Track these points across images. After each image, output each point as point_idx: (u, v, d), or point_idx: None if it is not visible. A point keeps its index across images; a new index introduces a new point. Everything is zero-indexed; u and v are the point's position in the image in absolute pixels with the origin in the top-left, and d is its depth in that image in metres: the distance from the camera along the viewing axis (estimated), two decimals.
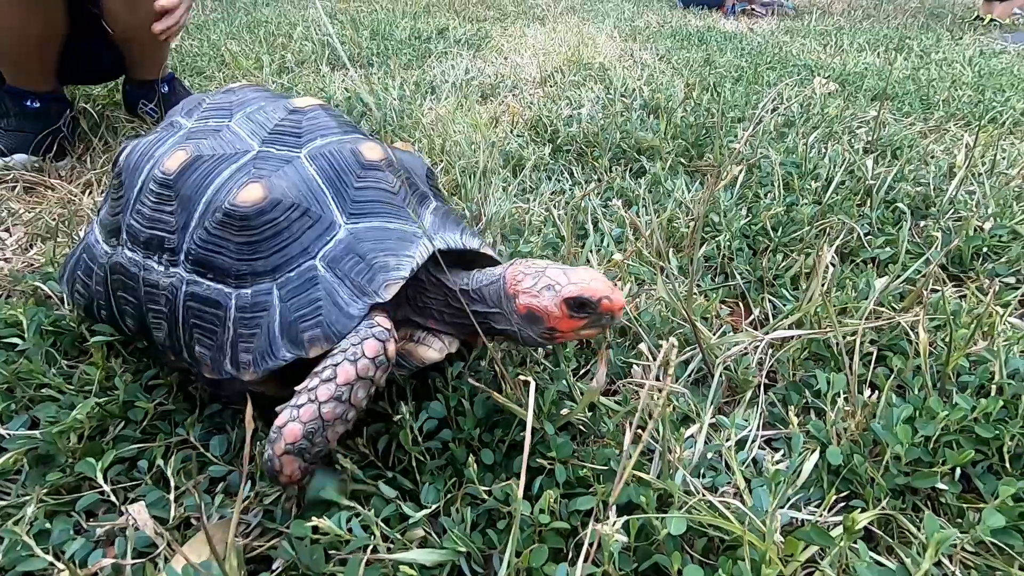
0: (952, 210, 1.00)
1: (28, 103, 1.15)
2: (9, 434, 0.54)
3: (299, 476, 0.46)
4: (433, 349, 0.56)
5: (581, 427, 0.60)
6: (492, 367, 0.61)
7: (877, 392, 0.63)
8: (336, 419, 0.46)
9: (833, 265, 0.88)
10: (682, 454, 0.53)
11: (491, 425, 0.56)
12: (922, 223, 1.01)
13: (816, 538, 0.44)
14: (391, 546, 0.45)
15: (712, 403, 0.62)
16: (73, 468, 0.52)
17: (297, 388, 0.47)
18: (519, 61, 2.38)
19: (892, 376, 0.65)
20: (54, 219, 0.98)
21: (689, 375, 0.69)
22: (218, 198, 0.55)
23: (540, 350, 0.69)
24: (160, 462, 0.52)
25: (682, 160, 1.28)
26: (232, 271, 0.53)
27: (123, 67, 1.37)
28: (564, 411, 0.58)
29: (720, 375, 0.66)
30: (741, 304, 0.84)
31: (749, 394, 0.65)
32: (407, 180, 0.59)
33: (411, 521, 0.48)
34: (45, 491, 0.50)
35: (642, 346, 0.71)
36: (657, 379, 0.67)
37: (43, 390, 0.59)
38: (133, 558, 0.44)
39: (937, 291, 0.80)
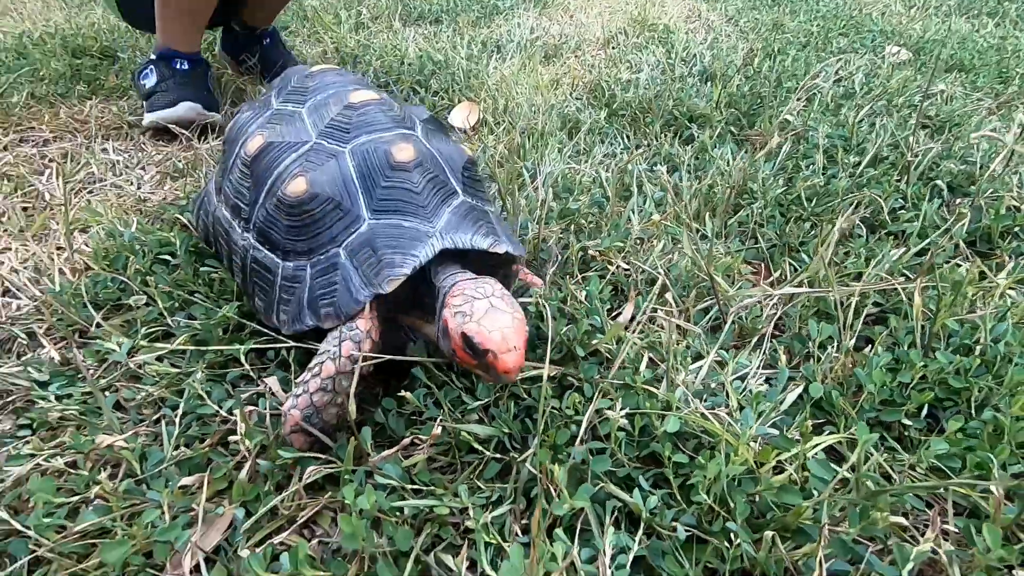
0: (991, 189, 1.03)
1: (177, 65, 1.28)
2: (177, 322, 0.73)
3: (307, 447, 0.57)
4: (429, 329, 0.65)
5: (607, 355, 0.73)
6: (536, 305, 0.74)
7: (871, 346, 0.73)
8: (327, 404, 0.57)
9: (859, 235, 0.96)
10: (687, 377, 0.65)
11: (533, 345, 0.70)
12: (959, 200, 1.05)
13: (782, 443, 0.56)
14: (454, 422, 0.60)
15: (721, 344, 0.73)
16: (222, 351, 0.70)
17: (295, 380, 0.59)
18: (584, 20, 2.41)
19: (887, 334, 0.74)
20: (181, 161, 1.17)
21: (707, 322, 0.80)
22: (276, 185, 0.67)
23: (583, 293, 0.81)
24: (284, 353, 0.69)
25: (732, 129, 1.33)
26: (281, 246, 0.67)
27: (230, 13, 1.50)
28: (594, 341, 0.71)
29: (732, 322, 0.77)
30: (764, 266, 0.93)
31: (756, 340, 0.76)
32: (435, 178, 0.66)
33: (469, 407, 0.62)
34: (205, 365, 0.68)
35: (668, 295, 0.82)
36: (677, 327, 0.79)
37: (193, 295, 0.78)
38: (270, 415, 0.61)
39: (959, 265, 0.87)
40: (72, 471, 0.57)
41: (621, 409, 0.57)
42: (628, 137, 1.33)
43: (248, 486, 0.54)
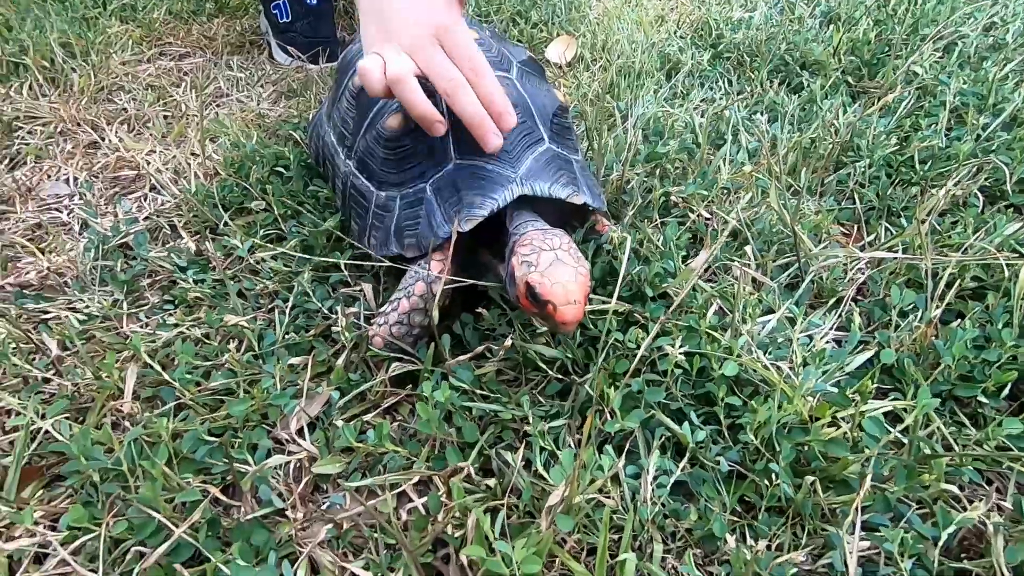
0: None
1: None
2: (289, 228, 0.82)
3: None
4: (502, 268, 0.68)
5: (676, 298, 0.75)
6: (610, 243, 0.77)
7: (960, 320, 0.70)
8: (404, 335, 0.63)
9: (974, 205, 0.89)
10: (752, 328, 0.66)
11: (605, 282, 0.73)
12: None
13: (839, 400, 0.57)
14: (523, 342, 0.66)
15: (795, 300, 0.73)
16: (326, 255, 0.78)
17: (378, 310, 0.64)
18: None
19: (981, 310, 0.70)
20: (295, 82, 1.25)
21: (785, 277, 0.79)
22: (376, 118, 0.71)
23: (657, 235, 0.83)
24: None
25: (849, 79, 1.23)
26: (376, 176, 0.72)
27: None
28: (664, 284, 0.73)
29: (811, 281, 0.76)
30: (857, 228, 0.89)
31: (834, 301, 0.75)
32: (523, 123, 0.67)
33: (538, 330, 0.68)
34: (311, 267, 0.77)
35: (748, 248, 0.81)
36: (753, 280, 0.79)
37: (303, 206, 0.86)
38: (364, 317, 0.70)
39: None
40: (206, 341, 0.68)
41: (681, 347, 0.60)
42: (730, 82, 1.27)
43: (343, 372, 0.63)
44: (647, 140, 1.06)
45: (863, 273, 0.78)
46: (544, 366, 0.63)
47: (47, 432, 0.57)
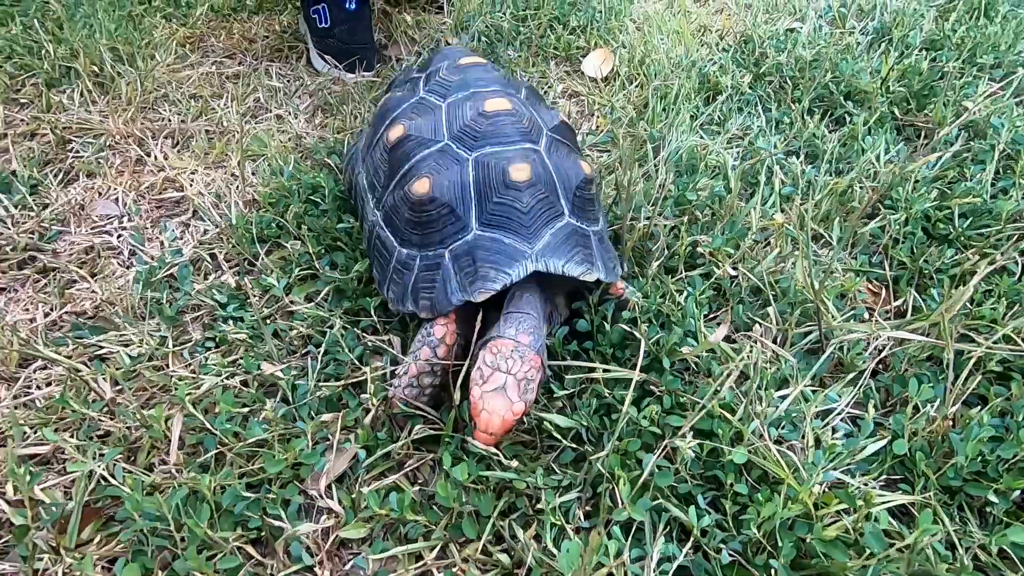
0: None
1: (346, 4, 1.33)
2: (322, 266, 0.86)
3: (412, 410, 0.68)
4: None
5: (695, 363, 0.76)
6: (632, 310, 0.78)
7: (982, 406, 0.70)
8: (417, 395, 0.67)
9: (1012, 273, 0.86)
10: (766, 408, 0.67)
11: (624, 346, 0.75)
12: None
13: (845, 498, 0.58)
14: (540, 408, 0.69)
15: (814, 372, 0.74)
16: (356, 300, 0.82)
17: (396, 370, 0.68)
18: None
19: (1004, 399, 0.70)
20: (332, 96, 1.27)
21: (804, 345, 0.79)
22: (405, 179, 0.73)
23: (683, 294, 0.83)
24: None
25: (895, 111, 1.19)
26: (400, 233, 0.74)
27: None
28: (685, 349, 0.75)
29: (831, 352, 0.76)
30: (886, 289, 0.88)
31: (853, 376, 0.75)
32: (545, 198, 0.70)
33: (555, 395, 0.70)
34: (342, 311, 0.81)
35: (770, 310, 0.82)
36: (774, 341, 0.80)
37: (336, 242, 0.90)
38: (391, 372, 0.73)
39: None
40: (244, 388, 0.73)
41: (692, 431, 0.62)
42: (770, 109, 1.24)
43: (369, 432, 0.67)
44: (680, 175, 1.05)
45: (885, 347, 0.78)
46: (559, 436, 0.66)
47: (102, 476, 0.63)
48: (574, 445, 0.67)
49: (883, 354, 0.77)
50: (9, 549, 0.59)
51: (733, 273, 0.87)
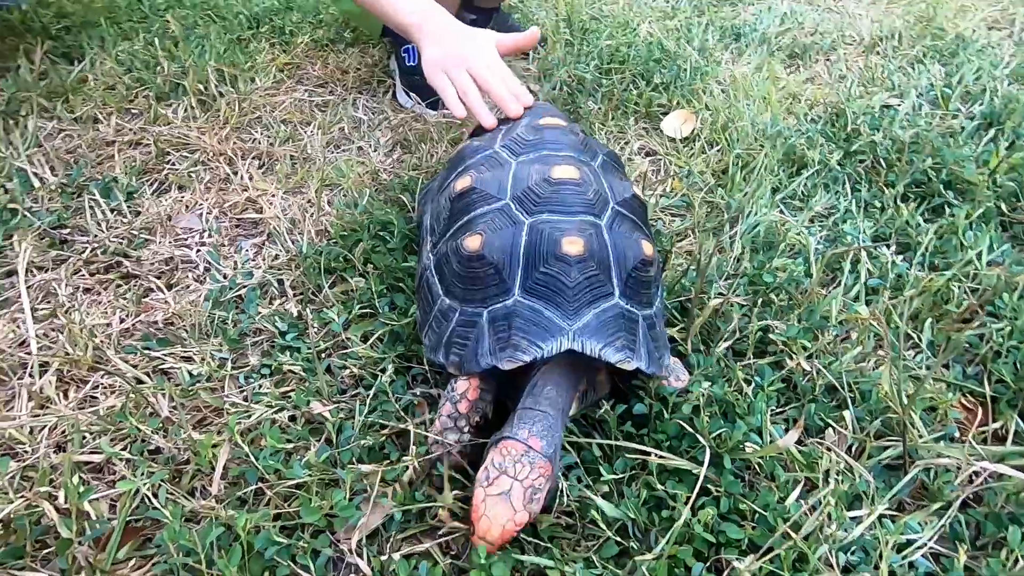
0: None
1: None
2: (383, 305, 0.86)
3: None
4: None
5: (759, 463, 0.71)
6: (692, 392, 0.73)
7: None
8: (444, 452, 0.65)
9: None
10: (836, 531, 0.61)
11: (681, 435, 0.70)
12: None
13: None
14: (586, 488, 0.65)
15: (894, 494, 0.67)
16: (410, 346, 0.81)
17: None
18: (852, 9, 2.07)
19: None
20: (411, 133, 1.30)
21: (884, 460, 0.72)
22: (460, 231, 0.73)
23: (750, 385, 0.78)
24: None
25: (1002, 206, 1.10)
26: (446, 282, 0.74)
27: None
28: (748, 447, 0.69)
29: (915, 475, 0.69)
30: (982, 409, 0.79)
31: (939, 506, 0.68)
32: (595, 276, 0.67)
33: (602, 478, 0.66)
34: (395, 355, 0.80)
35: (847, 414, 0.75)
36: (849, 451, 0.73)
37: (399, 282, 0.90)
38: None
39: None
40: (291, 424, 0.73)
41: (748, 543, 0.56)
42: (859, 189, 1.17)
43: (407, 491, 0.65)
44: (756, 252, 1.00)
45: (979, 474, 0.69)
46: (603, 525, 0.62)
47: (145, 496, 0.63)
48: (619, 538, 0.63)
49: (976, 485, 0.69)
50: (52, 558, 0.60)
51: (807, 368, 0.81)
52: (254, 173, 1.17)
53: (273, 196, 1.11)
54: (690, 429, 0.68)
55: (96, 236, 1.00)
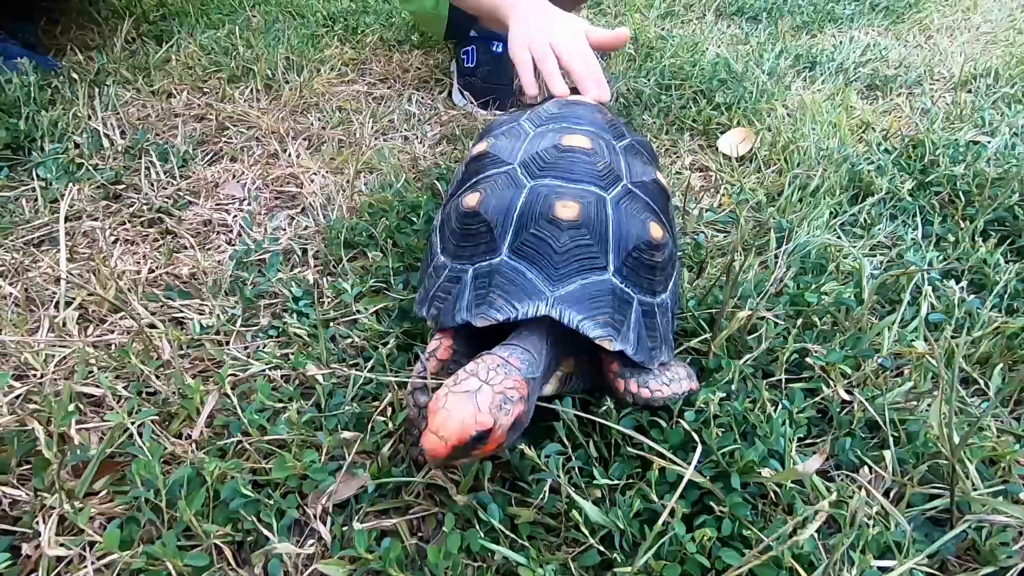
0: None
1: (494, 47, 1.38)
2: (396, 283, 0.84)
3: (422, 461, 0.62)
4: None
5: (774, 490, 0.63)
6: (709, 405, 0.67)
7: None
8: (415, 417, 0.61)
9: None
10: None
11: (689, 447, 0.63)
12: None
13: None
14: (574, 490, 0.59)
15: (932, 552, 0.57)
16: (416, 323, 0.79)
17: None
18: (944, 46, 1.94)
19: None
20: (459, 128, 1.31)
21: (927, 510, 0.62)
22: (466, 191, 0.72)
23: (776, 412, 0.70)
24: None
25: None
26: (444, 240, 0.72)
27: None
28: (765, 472, 0.62)
29: (963, 531, 0.59)
30: None
31: (991, 570, 0.57)
32: (587, 246, 0.63)
33: (595, 481, 0.61)
34: (401, 331, 0.78)
35: (887, 453, 0.66)
36: (886, 495, 0.64)
37: (418, 262, 0.88)
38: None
39: None
40: (284, 384, 0.72)
41: None
42: (931, 222, 1.07)
43: (386, 464, 0.62)
44: (802, 274, 0.92)
45: None
46: (586, 531, 0.56)
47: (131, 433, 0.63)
48: (602, 548, 0.56)
49: None
50: (31, 477, 0.60)
51: (847, 397, 0.72)
52: (301, 152, 1.20)
53: (315, 174, 1.14)
54: (697, 446, 0.61)
55: (146, 194, 1.05)
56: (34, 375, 0.72)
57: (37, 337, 0.76)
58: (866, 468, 0.66)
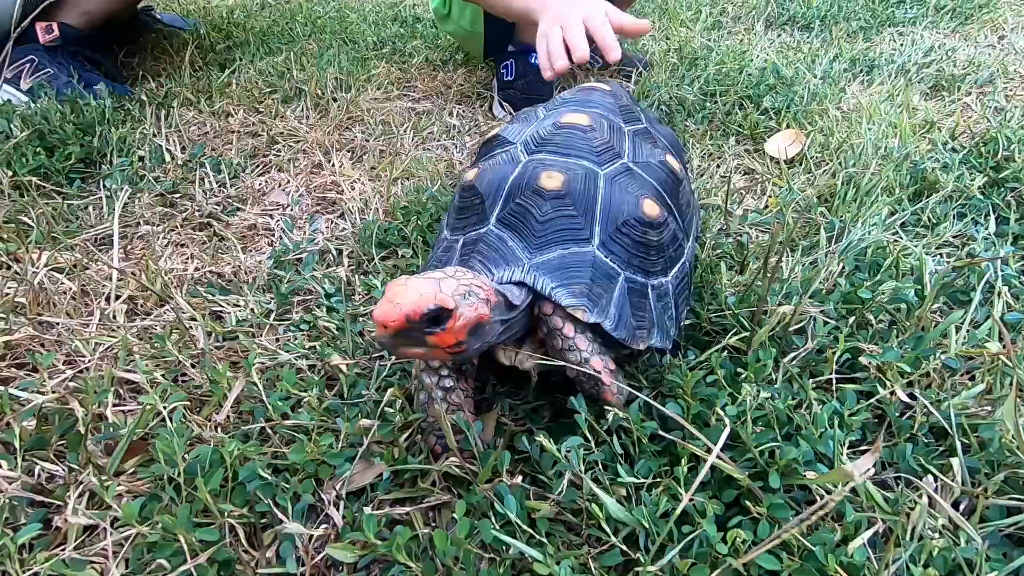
0: None
1: (532, 59, 1.37)
2: None
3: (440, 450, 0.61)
4: (504, 356, 0.63)
5: (820, 494, 0.57)
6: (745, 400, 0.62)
7: None
8: (423, 404, 0.60)
9: None
10: None
11: (726, 447, 0.59)
12: None
13: None
14: (596, 485, 0.56)
15: (1009, 572, 0.50)
16: None
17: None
18: (1022, 45, 1.81)
19: None
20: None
21: (1004, 526, 0.55)
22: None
23: (826, 410, 0.65)
24: None
25: None
26: (449, 216, 0.73)
27: None
28: (809, 475, 0.56)
29: None
30: None
31: None
32: (571, 217, 0.62)
33: (619, 479, 0.57)
34: None
35: (954, 461, 0.59)
36: (955, 507, 0.57)
37: None
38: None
39: None
40: (309, 373, 0.72)
41: None
42: (1007, 219, 0.97)
43: (403, 454, 0.60)
44: (856, 272, 0.86)
45: None
46: (607, 529, 0.53)
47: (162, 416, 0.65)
48: (625, 547, 0.52)
49: None
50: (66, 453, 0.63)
51: (907, 400, 0.65)
52: (344, 162, 1.24)
53: (355, 181, 1.17)
54: (738, 445, 0.57)
55: (198, 202, 1.11)
56: (82, 361, 0.76)
57: (89, 329, 0.80)
58: (930, 477, 0.59)
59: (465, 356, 0.53)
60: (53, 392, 0.66)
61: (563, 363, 0.59)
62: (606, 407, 0.59)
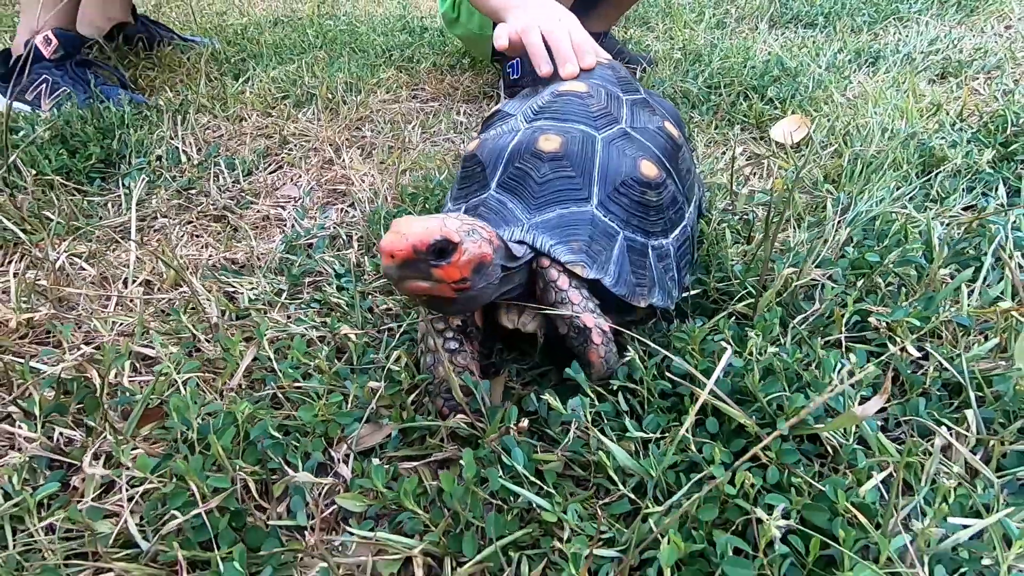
0: None
1: None
2: None
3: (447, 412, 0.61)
4: (507, 319, 0.63)
5: (832, 446, 0.56)
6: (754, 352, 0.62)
7: None
8: (430, 367, 0.62)
9: None
10: (929, 528, 0.45)
11: (730, 396, 0.58)
12: None
13: None
14: (605, 438, 0.56)
15: None
16: None
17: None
18: None
19: None
20: None
21: (1020, 473, 0.54)
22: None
23: (836, 366, 0.64)
24: None
25: None
26: (454, 187, 0.75)
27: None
28: (815, 421, 0.56)
29: None
30: None
31: None
32: (569, 178, 0.64)
33: (628, 433, 0.57)
34: None
35: (969, 413, 0.58)
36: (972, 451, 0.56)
37: None
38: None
39: None
40: (319, 343, 0.73)
41: (798, 515, 0.44)
42: (1019, 190, 0.96)
43: (412, 414, 0.61)
44: (863, 243, 0.85)
45: None
46: (615, 478, 0.52)
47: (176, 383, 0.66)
48: (633, 495, 0.52)
49: None
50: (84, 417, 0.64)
51: (918, 355, 0.65)
52: (355, 158, 1.27)
53: (365, 175, 1.19)
54: (747, 400, 0.57)
55: (213, 197, 1.14)
56: (100, 339, 0.78)
57: (108, 311, 0.82)
58: (944, 429, 0.58)
59: (470, 296, 0.53)
60: (72, 362, 0.68)
61: (557, 312, 0.60)
62: (589, 369, 0.60)
